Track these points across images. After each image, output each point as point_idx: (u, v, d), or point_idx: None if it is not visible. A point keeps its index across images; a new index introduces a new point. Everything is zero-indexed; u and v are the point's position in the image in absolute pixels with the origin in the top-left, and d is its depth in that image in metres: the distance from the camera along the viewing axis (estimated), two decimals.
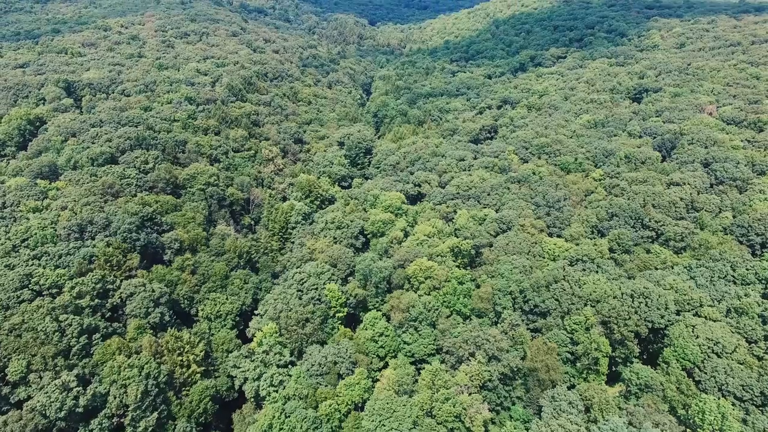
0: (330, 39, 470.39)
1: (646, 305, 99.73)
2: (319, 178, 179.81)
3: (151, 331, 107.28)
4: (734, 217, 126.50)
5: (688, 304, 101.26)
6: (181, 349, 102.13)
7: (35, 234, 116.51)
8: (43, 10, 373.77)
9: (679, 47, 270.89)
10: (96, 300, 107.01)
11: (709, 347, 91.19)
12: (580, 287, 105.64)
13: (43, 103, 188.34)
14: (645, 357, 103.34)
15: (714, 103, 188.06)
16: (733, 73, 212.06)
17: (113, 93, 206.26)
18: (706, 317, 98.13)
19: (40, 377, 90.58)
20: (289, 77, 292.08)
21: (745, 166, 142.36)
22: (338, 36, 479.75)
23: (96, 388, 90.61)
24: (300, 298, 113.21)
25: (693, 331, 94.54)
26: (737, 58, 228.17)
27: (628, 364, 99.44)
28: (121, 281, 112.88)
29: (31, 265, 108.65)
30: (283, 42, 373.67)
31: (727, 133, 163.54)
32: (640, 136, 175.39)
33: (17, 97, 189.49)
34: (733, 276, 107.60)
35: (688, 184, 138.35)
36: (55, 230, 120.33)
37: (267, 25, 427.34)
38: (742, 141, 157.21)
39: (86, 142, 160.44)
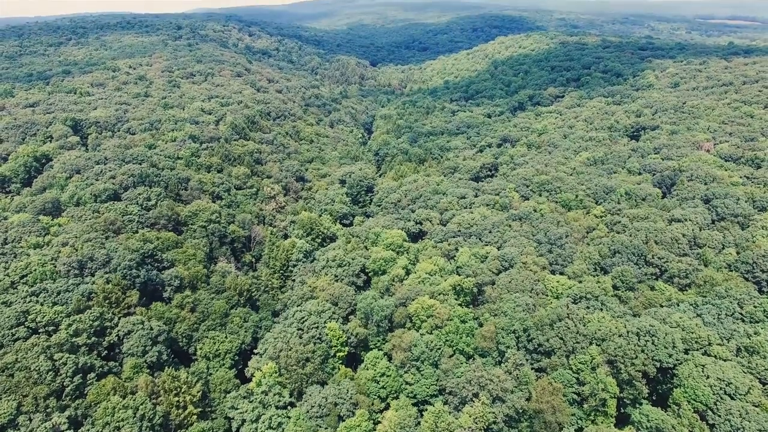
0: (332, 79, 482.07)
1: (652, 344, 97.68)
2: (320, 215, 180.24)
3: (148, 370, 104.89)
4: (738, 253, 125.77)
5: (696, 342, 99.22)
6: (178, 389, 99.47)
7: (35, 270, 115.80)
8: (55, 52, 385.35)
9: (674, 86, 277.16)
10: (93, 338, 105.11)
11: (721, 388, 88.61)
12: (584, 325, 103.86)
13: (50, 141, 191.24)
14: (654, 398, 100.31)
15: (711, 141, 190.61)
16: (728, 111, 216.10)
17: (119, 131, 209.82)
18: (715, 356, 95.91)
19: (30, 419, 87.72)
20: (291, 116, 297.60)
21: (746, 202, 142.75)
22: (340, 76, 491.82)
23: (88, 430, 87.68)
24: (300, 337, 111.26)
25: (703, 371, 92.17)
26: (730, 97, 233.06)
27: (637, 405, 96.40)
28: (120, 318, 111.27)
29: (29, 301, 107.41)
30: (287, 82, 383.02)
31: (726, 170, 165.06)
32: (640, 173, 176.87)
33: (25, 135, 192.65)
34: (741, 313, 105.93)
35: (690, 220, 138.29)
36: (55, 266, 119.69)
37: (271, 66, 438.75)
38: (741, 177, 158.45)
39: (90, 179, 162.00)
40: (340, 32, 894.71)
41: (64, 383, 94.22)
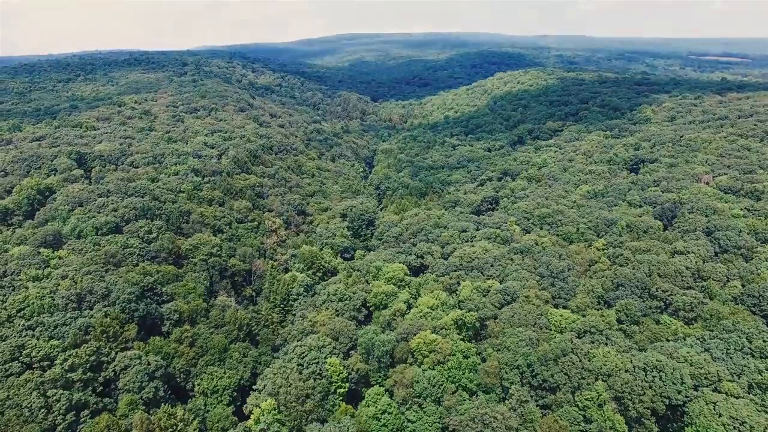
0: (334, 114, 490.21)
1: (660, 379, 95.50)
2: (321, 249, 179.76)
3: (144, 407, 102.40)
4: (743, 286, 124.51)
5: (705, 378, 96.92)
6: (174, 427, 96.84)
7: (32, 303, 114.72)
8: (64, 88, 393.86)
9: (671, 120, 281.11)
10: (88, 373, 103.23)
11: (735, 428, 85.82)
12: (589, 360, 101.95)
13: (54, 174, 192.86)
14: None
15: (710, 173, 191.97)
16: (725, 144, 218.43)
17: (122, 164, 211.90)
18: (727, 393, 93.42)
19: None
20: (293, 151, 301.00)
21: (748, 234, 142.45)
22: (342, 111, 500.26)
23: None
24: (300, 373, 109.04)
25: (715, 409, 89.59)
26: (726, 131, 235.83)
27: None
28: (117, 353, 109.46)
29: (25, 336, 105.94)
30: (289, 117, 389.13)
31: (726, 202, 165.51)
32: (640, 206, 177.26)
33: (30, 168, 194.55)
34: (750, 348, 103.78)
35: (693, 252, 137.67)
36: (53, 300, 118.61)
37: (273, 102, 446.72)
38: (741, 209, 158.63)
39: (92, 212, 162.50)
40: (342, 68, 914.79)
41: (56, 421, 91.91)
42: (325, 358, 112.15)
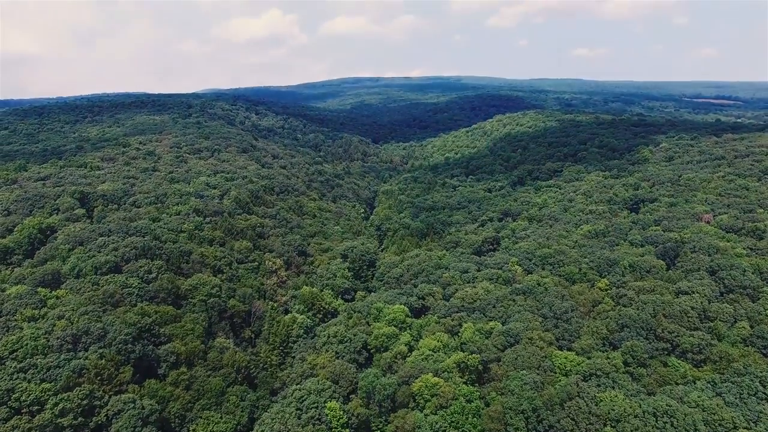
0: (335, 156, 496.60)
1: (672, 426, 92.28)
2: (322, 290, 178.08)
3: None
4: (752, 327, 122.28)
5: (719, 425, 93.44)
6: None
7: (26, 345, 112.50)
8: (71, 130, 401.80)
9: (668, 160, 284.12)
10: (80, 418, 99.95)
11: None
12: (596, 405, 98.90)
13: (57, 213, 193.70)
14: None
15: (710, 212, 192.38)
16: (723, 184, 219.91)
17: (125, 204, 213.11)
18: None
19: None
20: (295, 191, 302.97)
21: (753, 273, 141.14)
22: (343, 153, 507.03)
23: None
24: (299, 418, 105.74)
25: None
26: (724, 170, 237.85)
27: None
28: (110, 397, 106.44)
29: (16, 378, 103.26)
30: (291, 158, 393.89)
31: (728, 241, 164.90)
32: (642, 245, 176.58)
33: (33, 207, 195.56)
34: (765, 393, 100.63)
35: (698, 292, 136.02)
36: (48, 340, 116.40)
37: (276, 143, 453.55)
38: (744, 249, 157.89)
39: (92, 251, 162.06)
40: (344, 111, 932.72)
41: None
42: (325, 402, 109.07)
